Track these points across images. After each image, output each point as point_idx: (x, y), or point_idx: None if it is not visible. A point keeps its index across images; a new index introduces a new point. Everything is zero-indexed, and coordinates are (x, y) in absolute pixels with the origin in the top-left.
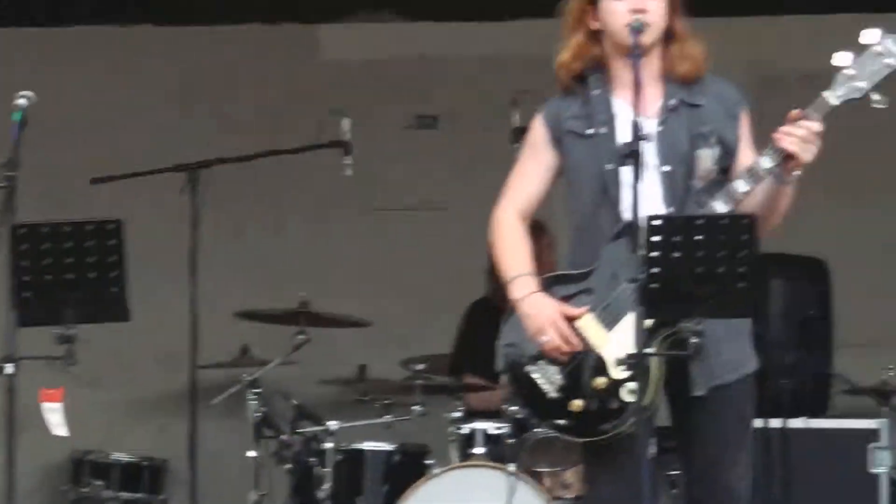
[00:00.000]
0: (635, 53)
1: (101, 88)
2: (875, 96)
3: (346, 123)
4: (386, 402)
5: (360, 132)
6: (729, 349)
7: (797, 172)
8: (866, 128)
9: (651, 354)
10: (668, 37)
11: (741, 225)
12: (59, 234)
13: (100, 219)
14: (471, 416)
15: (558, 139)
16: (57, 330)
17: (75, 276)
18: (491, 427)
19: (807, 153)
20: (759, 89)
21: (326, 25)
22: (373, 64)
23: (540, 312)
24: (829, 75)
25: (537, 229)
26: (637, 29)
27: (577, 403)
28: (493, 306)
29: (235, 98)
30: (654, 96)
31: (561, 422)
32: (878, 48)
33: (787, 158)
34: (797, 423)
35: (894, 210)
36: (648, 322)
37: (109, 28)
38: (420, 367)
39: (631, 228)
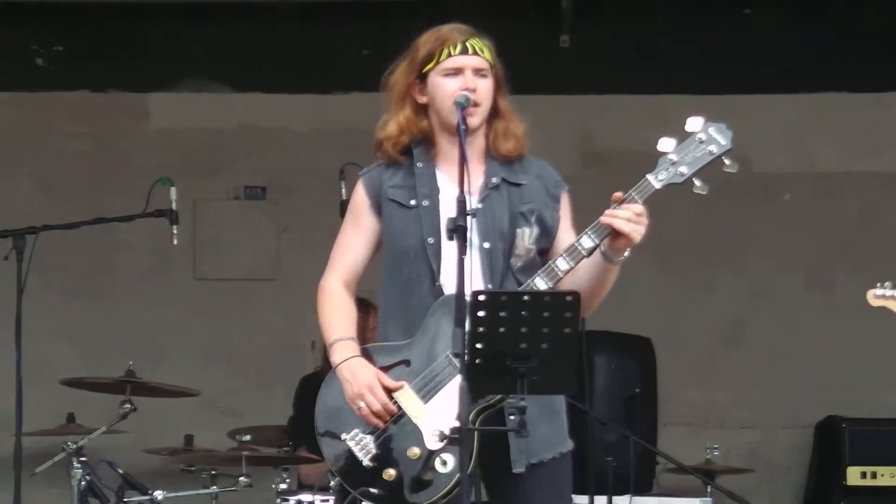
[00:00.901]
0: (461, 129)
1: None
2: (697, 182)
3: (173, 192)
4: (212, 472)
5: (187, 201)
6: (545, 428)
7: (627, 252)
8: (693, 210)
9: (476, 429)
10: (493, 114)
11: (565, 302)
12: None
13: None
14: (301, 488)
15: (379, 206)
16: None
17: None
18: (317, 499)
19: (635, 233)
20: (582, 165)
21: (155, 94)
22: (201, 133)
23: (357, 378)
24: (651, 153)
25: (366, 307)
26: (462, 105)
27: (390, 472)
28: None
29: (63, 164)
30: (476, 173)
31: (374, 490)
32: (701, 136)
33: (615, 238)
34: (622, 500)
35: (720, 291)
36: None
37: None
38: (246, 438)
39: (454, 302)
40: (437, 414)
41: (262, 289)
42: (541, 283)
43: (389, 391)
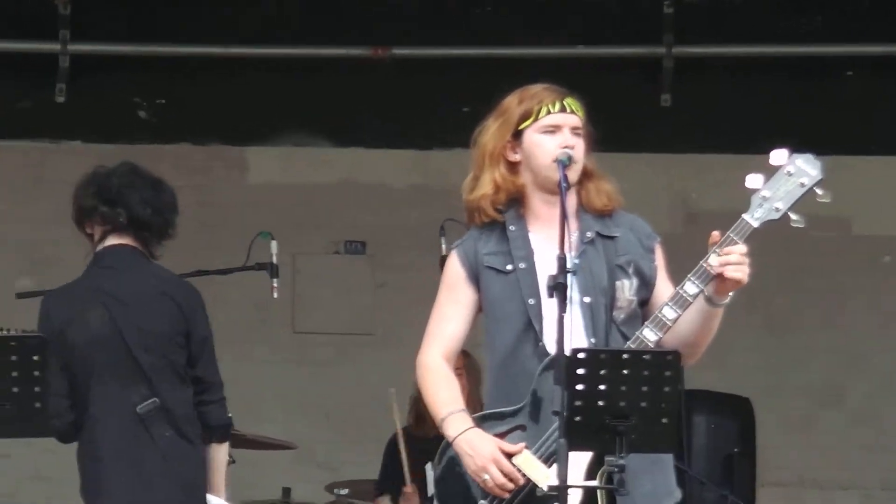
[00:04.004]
0: (563, 186)
1: (27, 203)
2: (793, 216)
3: (273, 246)
4: None
5: (287, 255)
6: (649, 482)
7: (731, 294)
8: (792, 271)
9: (572, 487)
10: (582, 174)
11: (665, 361)
12: None
13: (23, 334)
14: None
15: (476, 276)
16: None
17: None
18: None
19: (744, 276)
20: (683, 224)
21: (255, 148)
22: (302, 187)
23: (478, 450)
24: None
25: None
26: (564, 163)
27: None
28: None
29: None
30: (570, 230)
31: None
32: (790, 168)
33: (722, 281)
34: None
35: (819, 352)
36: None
37: (40, 143)
38: (344, 491)
39: (554, 360)
40: None
41: (359, 343)
42: (649, 334)
43: (510, 456)
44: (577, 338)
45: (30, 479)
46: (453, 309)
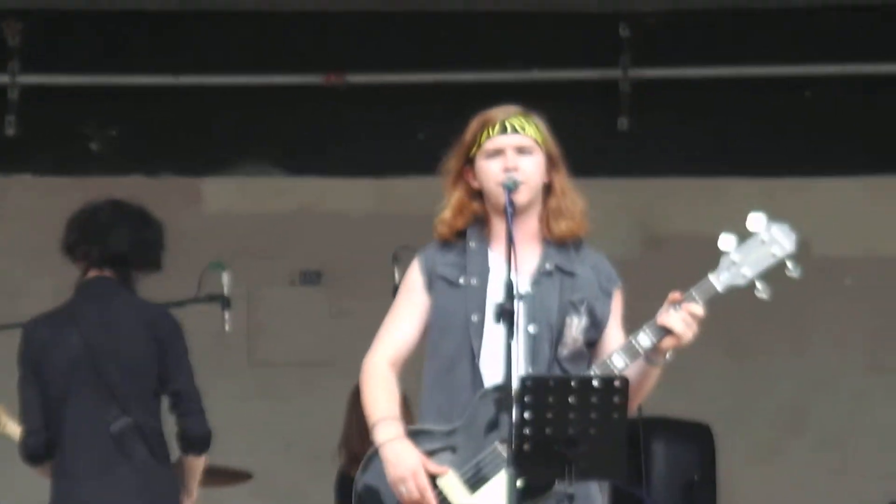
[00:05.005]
0: (508, 212)
1: None
2: (759, 285)
3: (225, 277)
4: None
5: (242, 287)
6: None
7: (669, 355)
8: (753, 293)
9: None
10: (548, 193)
11: (613, 387)
12: None
13: None
14: None
15: (430, 284)
16: None
17: None
18: None
19: (686, 336)
20: (642, 249)
21: (209, 178)
22: (256, 218)
23: (401, 460)
24: (711, 237)
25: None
26: (510, 188)
27: None
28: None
29: None
30: (530, 255)
31: None
32: (764, 236)
33: (663, 336)
34: None
35: (781, 376)
36: (520, 483)
37: None
38: None
39: (501, 387)
40: None
41: (318, 373)
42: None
43: (433, 477)
44: (517, 367)
45: None
46: (406, 313)
